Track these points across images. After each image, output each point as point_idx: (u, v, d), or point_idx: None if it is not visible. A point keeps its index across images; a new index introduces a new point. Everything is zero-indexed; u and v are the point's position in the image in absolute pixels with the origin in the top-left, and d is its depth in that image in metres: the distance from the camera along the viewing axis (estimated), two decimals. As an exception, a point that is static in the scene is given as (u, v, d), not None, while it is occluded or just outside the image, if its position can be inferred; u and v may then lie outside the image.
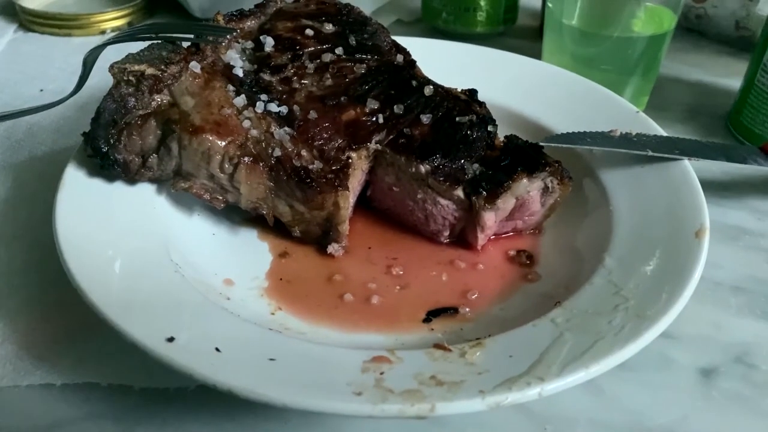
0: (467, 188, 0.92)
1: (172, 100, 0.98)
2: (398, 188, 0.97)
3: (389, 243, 0.99)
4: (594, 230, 0.95)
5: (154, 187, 1.01)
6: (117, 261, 0.86)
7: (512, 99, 1.15)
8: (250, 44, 1.10)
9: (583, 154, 1.04)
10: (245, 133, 0.97)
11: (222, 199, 1.00)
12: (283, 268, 0.95)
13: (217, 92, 1.00)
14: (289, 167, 0.97)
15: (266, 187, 0.97)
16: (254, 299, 0.88)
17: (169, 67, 0.98)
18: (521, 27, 1.65)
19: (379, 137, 0.96)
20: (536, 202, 0.94)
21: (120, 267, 0.85)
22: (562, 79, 1.22)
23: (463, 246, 0.98)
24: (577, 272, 0.89)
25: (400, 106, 1.04)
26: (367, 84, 1.07)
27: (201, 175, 0.98)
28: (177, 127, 0.96)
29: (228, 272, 0.91)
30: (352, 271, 0.94)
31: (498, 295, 0.90)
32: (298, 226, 0.97)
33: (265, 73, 1.06)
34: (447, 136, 0.96)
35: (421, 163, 0.92)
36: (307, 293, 0.90)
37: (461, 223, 0.96)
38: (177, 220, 0.99)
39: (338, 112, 1.02)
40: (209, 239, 0.98)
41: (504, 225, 0.97)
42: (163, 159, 0.99)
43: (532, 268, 0.95)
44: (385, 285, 0.92)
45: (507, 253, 0.98)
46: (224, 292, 0.87)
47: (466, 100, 1.08)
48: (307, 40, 1.11)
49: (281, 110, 1.01)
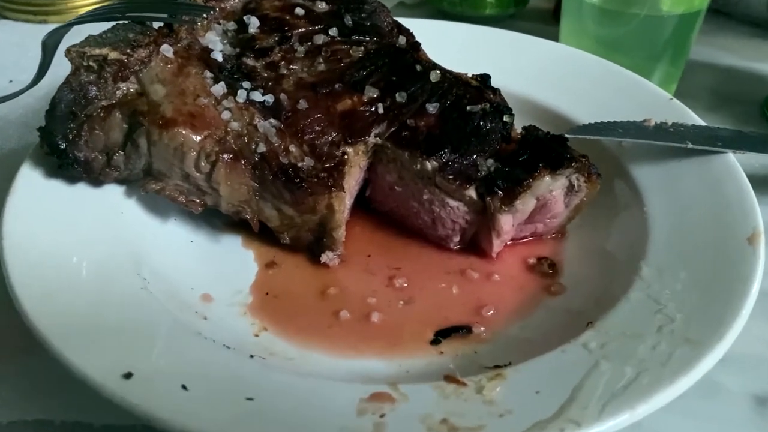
0: (480, 187, 0.84)
1: (139, 88, 0.87)
2: (401, 188, 0.89)
3: (391, 250, 0.90)
4: (626, 235, 0.87)
5: (122, 189, 0.92)
6: (71, 277, 0.76)
7: (529, 85, 1.12)
8: (232, 25, 0.98)
9: (610, 147, 0.95)
10: (224, 126, 0.86)
11: (199, 202, 0.88)
12: (270, 281, 0.87)
13: (193, 79, 0.88)
14: (275, 165, 0.85)
15: (249, 187, 0.86)
16: (235, 318, 0.80)
17: (137, 51, 0.86)
18: (534, 9, 1.62)
19: (379, 130, 0.90)
20: (559, 202, 0.86)
21: (74, 284, 0.75)
22: (583, 62, 1.17)
23: (476, 253, 0.89)
24: (608, 284, 0.82)
25: (402, 94, 0.92)
26: (365, 69, 0.95)
27: (174, 174, 0.86)
28: (145, 119, 0.85)
29: (207, 286, 0.85)
30: (348, 283, 0.86)
31: (517, 310, 0.82)
32: (287, 232, 0.90)
33: (249, 57, 0.94)
34: (456, 127, 0.89)
35: (428, 159, 0.85)
36: (296, 310, 0.82)
37: (473, 227, 0.87)
38: (149, 227, 0.91)
39: (332, 102, 0.91)
40: (187, 248, 0.91)
41: (522, 229, 0.89)
42: (131, 156, 0.87)
43: (555, 278, 0.86)
44: (386, 300, 0.83)
45: (526, 261, 0.89)
46: (201, 310, 0.81)
47: (478, 86, 0.97)
48: (296, 20, 0.99)
49: (266, 99, 0.89)
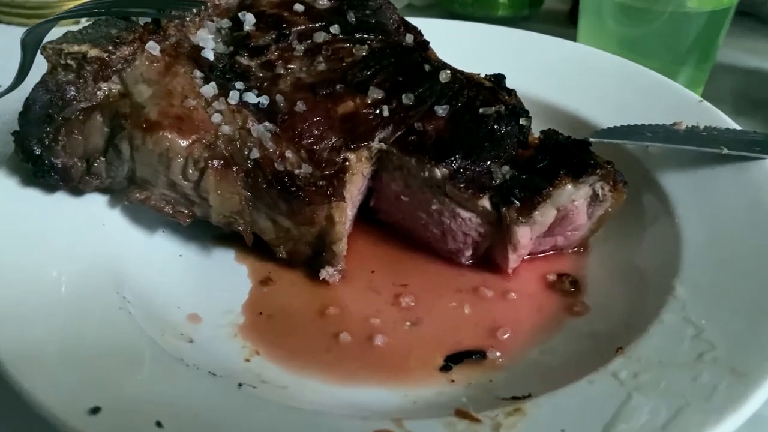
0: (495, 197, 0.78)
1: (122, 89, 0.80)
2: (408, 197, 0.84)
3: (397, 265, 0.85)
4: (656, 249, 0.81)
5: (105, 198, 0.85)
6: (41, 296, 0.68)
7: (547, 87, 1.04)
8: (226, 23, 0.91)
9: (636, 153, 0.90)
10: (214, 130, 0.79)
11: (187, 212, 0.81)
12: (265, 299, 0.81)
13: (181, 79, 0.81)
14: (269, 172, 0.78)
15: (242, 197, 0.78)
16: (225, 341, 0.75)
17: (119, 49, 0.79)
18: (549, 11, 1.56)
19: (384, 134, 0.83)
20: (582, 213, 0.80)
21: (43, 304, 0.68)
22: (604, 63, 1.09)
23: (490, 269, 0.83)
24: (638, 305, 0.75)
25: (409, 96, 0.84)
26: (369, 69, 0.87)
27: (160, 183, 0.79)
28: (127, 122, 0.78)
29: (195, 305, 0.79)
30: (350, 302, 0.80)
31: (536, 333, 0.76)
32: (284, 246, 0.83)
33: (243, 56, 0.86)
34: (468, 131, 0.83)
35: (437, 166, 0.80)
36: (292, 331, 0.77)
37: (487, 240, 0.82)
38: (133, 240, 0.84)
39: (333, 104, 0.83)
40: (175, 263, 0.85)
41: (541, 242, 0.83)
42: (113, 163, 0.80)
43: (578, 297, 0.80)
44: (391, 320, 0.77)
45: (545, 277, 0.83)
46: (187, 331, 0.75)
47: (492, 87, 0.89)
48: (295, 16, 0.92)
49: (261, 101, 0.81)
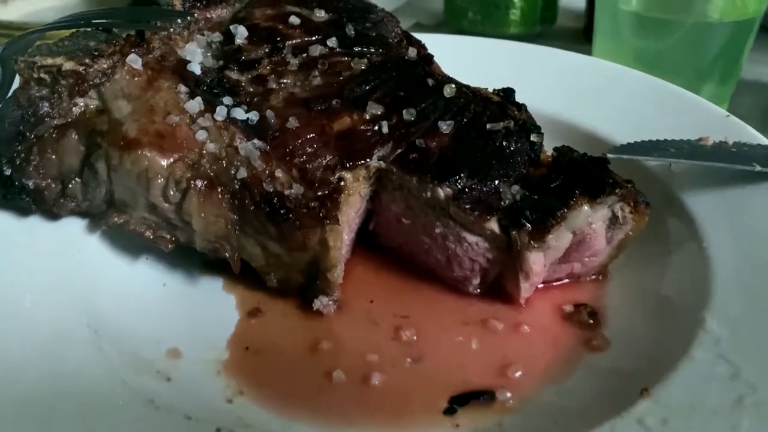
0: (504, 219, 0.73)
1: (100, 104, 0.76)
2: (409, 220, 0.79)
3: (398, 295, 0.79)
4: (683, 277, 0.75)
5: (83, 223, 0.80)
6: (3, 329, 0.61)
7: (560, 103, 0.98)
8: (217, 36, 0.86)
9: (658, 172, 0.86)
10: (199, 148, 0.73)
11: (169, 237, 0.75)
12: (252, 333, 0.75)
13: (164, 94, 0.75)
14: (257, 193, 0.72)
15: (227, 220, 0.72)
16: (207, 378, 0.69)
17: (97, 62, 0.74)
18: (562, 28, 1.51)
19: (383, 152, 0.77)
20: (601, 237, 0.75)
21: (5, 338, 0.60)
22: (621, 76, 1.03)
23: (501, 299, 0.78)
24: (664, 339, 0.68)
25: (411, 111, 0.78)
26: (368, 83, 0.81)
27: (139, 205, 0.74)
28: (104, 140, 0.72)
29: (176, 339, 0.73)
30: (345, 335, 0.74)
31: (551, 371, 0.70)
32: (274, 274, 0.77)
33: (232, 70, 0.81)
34: (475, 148, 0.77)
35: (440, 185, 0.74)
36: (281, 369, 0.71)
37: (496, 267, 0.76)
38: (112, 268, 0.78)
39: (328, 120, 0.78)
40: (157, 292, 0.79)
41: (556, 269, 0.78)
42: (89, 185, 0.75)
43: (597, 330, 0.74)
44: (390, 357, 0.72)
45: (561, 308, 0.77)
46: (165, 368, 0.69)
47: (500, 102, 0.83)
48: (290, 30, 0.87)
49: (250, 117, 0.76)
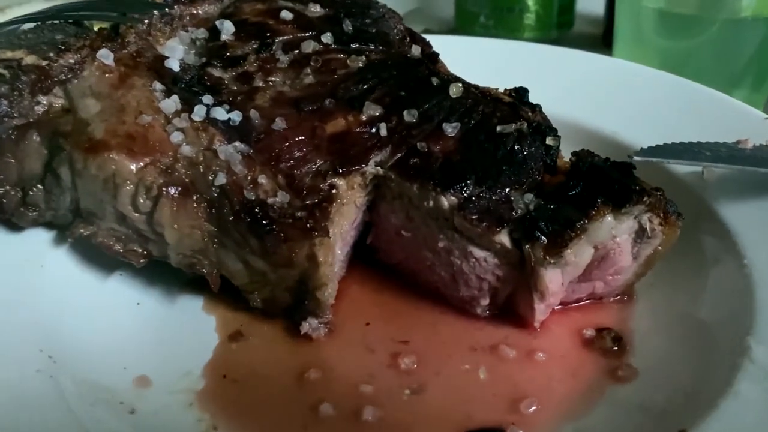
0: (516, 231, 0.66)
1: (66, 103, 0.69)
2: (410, 233, 0.72)
3: (398, 317, 0.74)
4: (721, 298, 0.69)
5: (49, 235, 0.73)
6: None
7: (580, 106, 0.91)
8: (202, 33, 0.80)
9: (689, 180, 0.81)
10: (173, 152, 0.67)
11: (141, 251, 0.69)
12: (232, 359, 0.69)
13: (137, 92, 0.69)
14: (237, 202, 0.65)
15: (204, 232, 0.66)
16: (177, 411, 0.64)
17: (63, 56, 0.68)
18: (580, 34, 1.47)
19: (381, 156, 0.71)
20: (626, 252, 0.69)
21: None
22: (646, 78, 0.96)
23: (513, 322, 0.72)
24: (703, 370, 0.62)
25: (412, 112, 0.72)
26: (366, 82, 0.75)
27: (107, 215, 0.68)
28: (67, 142, 0.64)
29: (146, 365, 0.67)
30: (336, 363, 0.69)
31: (569, 405, 0.63)
32: (259, 293, 0.71)
33: (215, 67, 0.74)
34: (483, 153, 0.71)
35: (443, 193, 0.67)
36: (261, 401, 0.66)
37: (508, 286, 0.70)
38: (79, 285, 0.72)
39: (320, 121, 0.72)
40: (130, 312, 0.73)
41: (576, 289, 0.72)
42: (52, 192, 0.70)
43: (623, 358, 0.68)
44: (386, 388, 0.65)
45: (581, 333, 0.71)
46: (129, 400, 0.63)
47: (512, 103, 0.76)
48: (282, 25, 0.81)
49: (232, 117, 0.69)
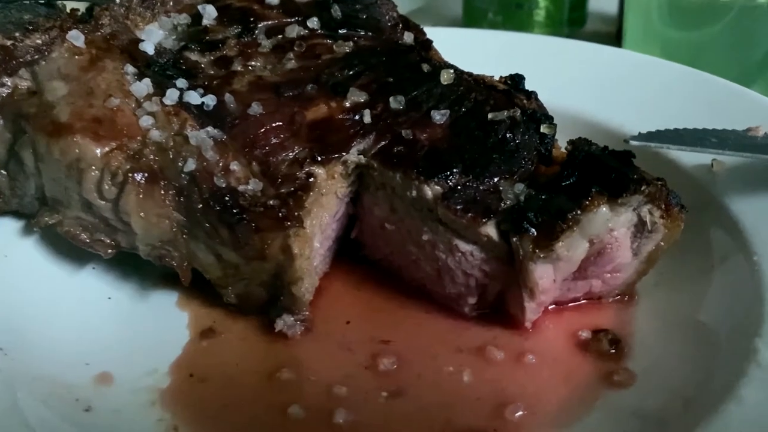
0: (504, 223, 0.62)
1: (33, 85, 0.66)
2: (394, 225, 0.69)
3: (381, 315, 0.71)
4: (727, 299, 0.65)
5: (16, 224, 0.71)
6: None
7: (584, 97, 0.87)
8: (184, 18, 0.77)
9: (696, 173, 0.76)
10: (142, 136, 0.63)
11: (108, 242, 0.67)
12: (201, 357, 0.67)
13: (108, 75, 0.67)
14: (206, 189, 0.62)
15: (173, 221, 0.63)
16: (137, 410, 0.62)
17: (30, 36, 0.66)
18: (591, 32, 1.43)
19: (364, 145, 0.68)
20: (625, 248, 0.65)
21: None
22: (653, 68, 0.91)
23: (503, 322, 0.68)
24: (704, 374, 0.58)
25: (399, 99, 0.70)
26: (352, 68, 0.73)
27: (72, 203, 0.65)
28: (29, 125, 0.61)
29: (110, 361, 0.65)
30: (311, 363, 0.66)
31: (560, 412, 0.60)
32: (232, 288, 0.68)
33: (193, 51, 0.72)
34: (473, 140, 0.67)
35: (427, 182, 0.64)
36: (228, 401, 0.63)
37: (498, 283, 0.67)
38: (46, 277, 0.70)
39: (300, 107, 0.70)
40: (100, 306, 0.71)
41: (571, 287, 0.69)
42: (17, 177, 0.67)
43: (620, 361, 0.64)
44: (362, 390, 0.62)
45: (576, 335, 0.68)
46: (86, 397, 0.61)
47: (507, 90, 0.72)
48: (267, 10, 0.79)
49: (205, 101, 0.67)
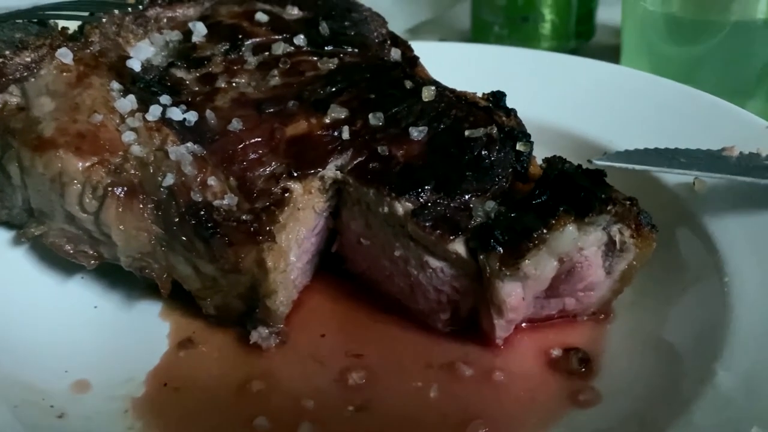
0: (473, 240, 0.61)
1: (22, 101, 0.66)
2: (369, 240, 0.68)
3: (355, 330, 0.70)
4: (696, 320, 0.63)
5: (7, 235, 0.72)
6: None
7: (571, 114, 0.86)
8: (176, 35, 0.77)
9: (678, 191, 0.74)
10: (124, 151, 0.63)
11: (92, 253, 0.67)
12: (177, 367, 0.67)
13: (93, 92, 0.67)
14: (183, 203, 0.62)
15: (151, 234, 0.64)
16: (110, 418, 0.62)
17: (20, 54, 0.67)
18: (599, 45, 1.38)
19: (342, 160, 0.68)
20: (596, 267, 0.64)
21: None
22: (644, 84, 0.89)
23: (476, 339, 0.66)
24: (664, 395, 0.57)
25: (378, 116, 0.69)
26: (334, 85, 0.72)
27: (57, 215, 0.66)
28: (15, 139, 0.62)
29: (89, 369, 0.65)
30: (282, 375, 0.65)
31: (522, 429, 0.58)
32: (211, 300, 0.68)
33: (179, 67, 0.72)
34: (448, 158, 0.67)
35: (398, 199, 0.63)
36: (197, 412, 0.63)
37: (468, 299, 0.65)
38: (36, 286, 0.71)
39: (281, 123, 0.69)
40: (85, 315, 0.71)
41: (544, 305, 0.67)
42: (4, 189, 0.68)
43: (588, 380, 0.63)
44: (329, 403, 0.61)
45: (548, 353, 0.66)
46: (61, 404, 0.61)
47: (487, 107, 0.70)
48: (255, 27, 0.79)
49: (187, 118, 0.67)
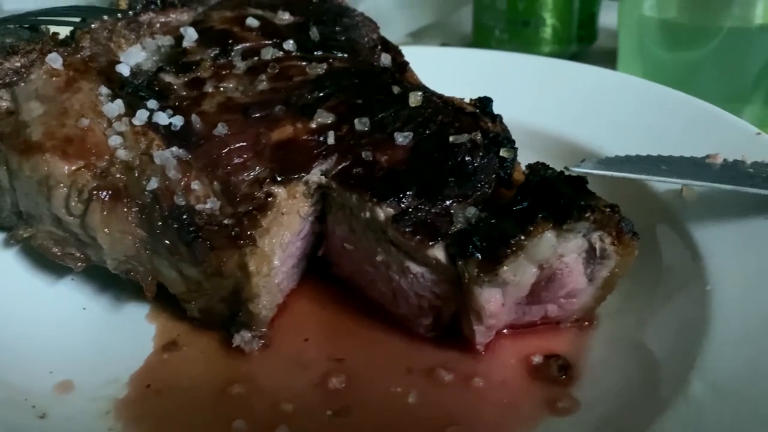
0: (452, 246, 0.60)
1: (11, 105, 0.67)
2: (352, 245, 0.68)
3: (339, 334, 0.70)
4: (676, 328, 0.62)
5: None
6: None
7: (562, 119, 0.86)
8: (168, 40, 0.77)
9: (666, 198, 0.74)
10: (110, 155, 0.63)
11: (79, 255, 0.68)
12: (160, 369, 0.67)
13: (82, 96, 0.68)
14: (166, 207, 0.62)
15: (136, 237, 0.64)
16: (91, 419, 0.62)
17: (10, 59, 0.67)
18: (601, 49, 1.37)
19: (326, 165, 0.68)
20: (578, 273, 0.63)
21: None
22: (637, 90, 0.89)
23: (458, 344, 0.66)
24: (638, 405, 0.56)
25: (364, 121, 0.69)
26: (322, 90, 0.72)
27: (44, 218, 0.66)
28: (2, 143, 0.63)
29: (74, 370, 0.66)
30: (263, 378, 0.65)
31: None
32: (196, 303, 0.68)
33: (168, 72, 0.72)
34: (431, 163, 0.67)
35: (379, 204, 0.63)
36: (177, 414, 0.62)
37: (450, 305, 0.64)
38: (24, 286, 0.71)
39: (266, 128, 0.69)
40: (74, 316, 0.71)
41: (526, 311, 0.66)
42: None
43: (567, 387, 0.62)
44: (308, 407, 0.61)
45: (529, 359, 0.65)
46: (43, 404, 0.61)
47: (473, 112, 0.70)
48: (246, 32, 0.78)
49: (173, 122, 0.67)
